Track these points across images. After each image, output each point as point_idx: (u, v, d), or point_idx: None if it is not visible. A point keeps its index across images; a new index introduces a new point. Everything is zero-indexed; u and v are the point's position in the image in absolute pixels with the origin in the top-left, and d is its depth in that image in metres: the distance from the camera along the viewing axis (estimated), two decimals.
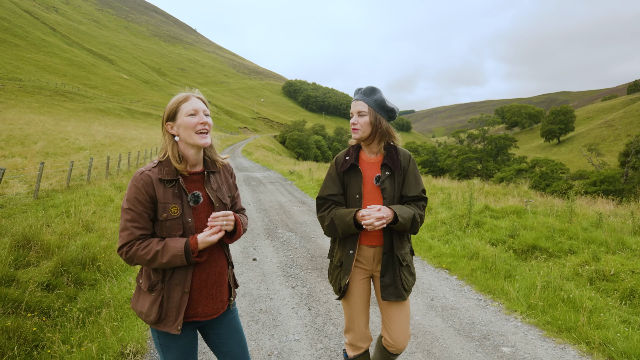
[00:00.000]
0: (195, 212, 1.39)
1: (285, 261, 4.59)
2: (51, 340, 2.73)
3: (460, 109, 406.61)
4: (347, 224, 1.66)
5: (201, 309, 1.40)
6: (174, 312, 1.35)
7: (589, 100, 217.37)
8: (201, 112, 1.38)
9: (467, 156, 53.81)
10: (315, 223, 6.76)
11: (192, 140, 1.36)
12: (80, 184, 11.45)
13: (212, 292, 1.42)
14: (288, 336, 2.79)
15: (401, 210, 1.64)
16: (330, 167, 1.86)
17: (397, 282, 1.73)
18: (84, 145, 22.05)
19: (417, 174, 1.78)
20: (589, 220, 5.43)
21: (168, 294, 1.36)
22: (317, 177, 14.09)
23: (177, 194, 1.36)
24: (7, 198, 8.36)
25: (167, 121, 1.41)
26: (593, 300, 3.10)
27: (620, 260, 3.86)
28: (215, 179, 1.48)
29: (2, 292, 3.15)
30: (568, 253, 4.31)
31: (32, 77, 65.33)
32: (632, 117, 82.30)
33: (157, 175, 1.35)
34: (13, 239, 4.21)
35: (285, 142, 74.21)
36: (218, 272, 1.44)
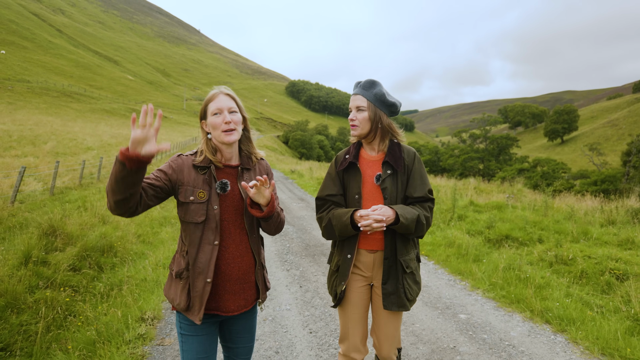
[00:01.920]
0: (225, 202, 1.41)
1: (282, 249, 5.10)
2: (82, 309, 3.26)
3: (464, 108, 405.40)
4: (343, 225, 1.56)
5: (222, 304, 1.41)
6: (198, 301, 1.37)
7: (594, 99, 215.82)
8: (225, 111, 1.40)
9: (468, 156, 54.04)
10: (311, 217, 7.27)
11: (219, 138, 1.40)
12: (90, 182, 12.05)
13: (234, 288, 1.41)
14: (281, 306, 3.30)
15: (404, 211, 1.52)
16: (330, 166, 1.79)
17: (399, 290, 1.61)
18: (92, 145, 22.71)
19: (423, 173, 1.67)
20: (562, 214, 5.89)
21: (193, 282, 1.37)
22: (317, 176, 14.60)
23: (207, 181, 1.40)
24: (25, 195, 8.94)
25: (201, 119, 1.47)
26: (545, 279, 3.58)
27: (580, 247, 4.32)
28: (249, 175, 1.49)
29: (39, 270, 3.69)
30: (537, 242, 4.78)
31: (39, 78, 66.45)
32: (636, 117, 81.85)
33: (191, 162, 1.42)
34: (41, 229, 4.76)
35: (288, 142, 74.80)
36: (243, 269, 1.42)
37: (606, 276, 3.53)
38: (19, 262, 3.84)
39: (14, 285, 3.28)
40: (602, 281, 3.49)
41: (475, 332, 2.81)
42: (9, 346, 2.65)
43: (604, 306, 3.09)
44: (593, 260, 3.92)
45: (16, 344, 2.67)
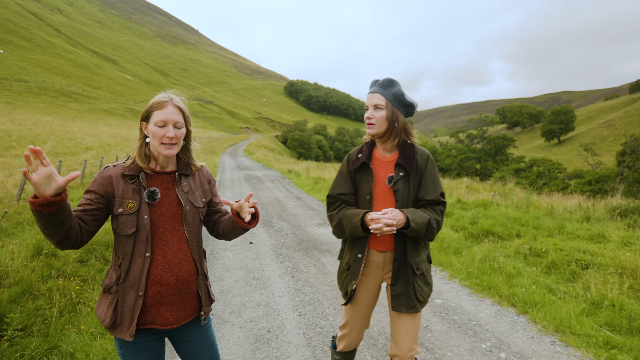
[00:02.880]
0: (159, 210, 1.34)
1: (277, 244, 5.40)
2: (91, 296, 3.55)
3: (463, 108, 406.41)
4: (354, 226, 1.57)
5: (159, 316, 1.32)
6: (128, 316, 1.29)
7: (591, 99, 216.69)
8: (170, 125, 1.32)
9: (465, 156, 54.50)
10: (306, 215, 7.57)
11: (157, 149, 1.33)
12: (90, 181, 12.29)
13: (173, 298, 1.33)
14: (274, 293, 3.60)
15: (414, 215, 1.52)
16: (342, 164, 1.78)
17: (409, 292, 1.61)
18: (91, 145, 22.94)
19: (436, 175, 1.66)
20: (543, 210, 6.22)
21: (123, 296, 1.30)
22: (313, 176, 14.90)
23: (137, 190, 1.32)
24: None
25: (142, 120, 1.37)
26: (516, 268, 3.89)
27: (554, 241, 4.65)
28: (187, 182, 1.43)
29: (50, 262, 3.99)
30: (515, 236, 5.10)
31: (37, 78, 66.48)
32: (632, 117, 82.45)
33: (120, 171, 1.33)
34: None
35: (287, 142, 75.06)
36: (182, 278, 1.34)
37: (572, 266, 3.85)
38: (31, 254, 4.13)
39: (29, 275, 3.57)
40: (569, 271, 3.81)
41: (448, 314, 3.13)
42: (27, 327, 2.95)
43: (567, 292, 3.41)
44: (563, 252, 4.24)
45: (34, 326, 2.96)
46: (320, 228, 6.43)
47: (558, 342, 2.64)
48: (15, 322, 2.88)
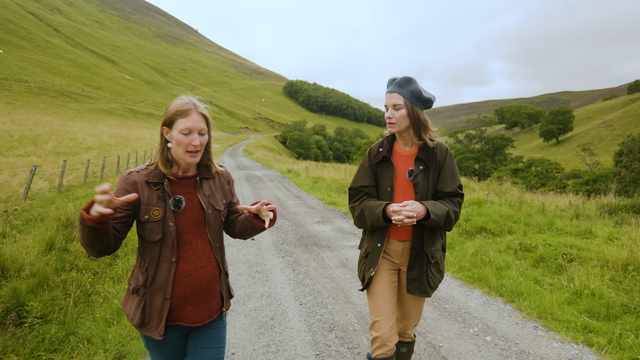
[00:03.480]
0: (182, 216, 1.36)
1: (278, 240, 5.61)
2: (102, 288, 3.75)
3: (462, 109, 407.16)
4: (376, 217, 1.64)
5: (185, 315, 1.38)
6: (156, 317, 1.34)
7: (590, 100, 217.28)
8: (196, 133, 1.34)
9: (464, 156, 54.70)
10: (306, 213, 7.77)
11: (180, 156, 1.35)
12: (93, 181, 12.50)
13: (197, 299, 1.38)
14: (276, 285, 3.80)
15: (434, 207, 1.59)
16: (363, 158, 1.84)
17: (422, 278, 1.71)
18: (92, 145, 23.09)
19: (454, 168, 1.73)
20: (535, 208, 6.43)
21: (150, 299, 1.35)
22: (312, 175, 15.10)
23: (162, 197, 1.34)
24: (33, 192, 9.39)
25: (163, 125, 1.38)
26: (506, 262, 4.10)
27: (544, 237, 4.85)
28: (208, 185, 1.45)
29: (63, 256, 4.19)
30: (507, 233, 5.31)
31: (37, 78, 66.57)
32: (630, 117, 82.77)
33: (144, 177, 1.34)
34: (59, 221, 5.24)
35: (286, 142, 75.25)
36: (207, 279, 1.39)
37: (559, 260, 4.06)
38: (44, 249, 4.32)
39: (44, 268, 3.77)
40: (555, 264, 4.02)
41: (440, 303, 3.33)
42: (45, 315, 3.15)
43: (553, 284, 3.62)
44: (551, 247, 4.45)
45: (52, 314, 3.16)
46: (319, 225, 6.63)
47: (540, 327, 2.85)
48: (34, 310, 3.08)
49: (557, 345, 2.59)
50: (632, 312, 2.90)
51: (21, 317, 3.05)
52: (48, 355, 2.65)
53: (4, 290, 3.22)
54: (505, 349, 2.57)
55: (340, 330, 2.85)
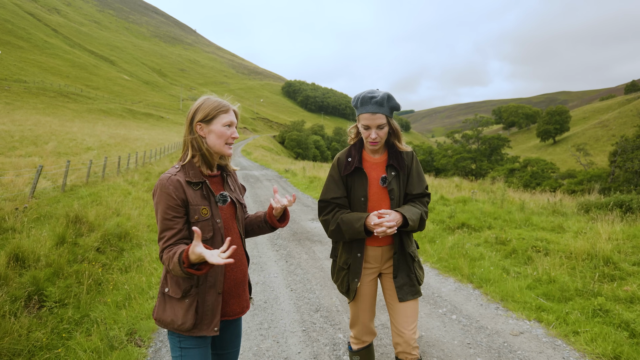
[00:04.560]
0: (222, 212, 1.42)
1: (273, 235, 5.98)
2: (111, 277, 4.11)
3: (460, 109, 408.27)
4: (356, 231, 1.64)
5: (229, 308, 1.43)
6: (210, 314, 1.36)
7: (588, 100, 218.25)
8: (234, 126, 1.44)
9: (461, 156, 55.14)
10: (301, 210, 8.14)
11: (220, 148, 1.40)
12: (95, 181, 12.83)
13: (238, 290, 1.45)
14: (270, 275, 4.18)
15: (410, 213, 1.63)
16: (332, 168, 1.81)
17: (412, 279, 1.73)
18: (91, 146, 23.37)
19: (420, 171, 1.77)
20: (515, 205, 6.83)
21: (203, 297, 1.36)
22: (309, 175, 15.48)
23: (205, 196, 1.38)
24: (38, 191, 9.73)
25: (199, 121, 1.39)
26: (481, 254, 4.49)
27: (519, 232, 5.24)
28: (231, 181, 1.54)
29: (74, 249, 4.55)
30: (486, 228, 5.70)
31: (36, 78, 66.71)
32: (626, 118, 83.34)
33: (184, 178, 1.36)
34: (68, 217, 5.60)
35: (285, 142, 75.58)
36: (243, 271, 1.46)
37: (529, 252, 4.45)
38: (56, 242, 4.68)
39: (58, 259, 4.13)
40: (526, 255, 4.40)
41: None
42: (62, 300, 3.51)
43: (520, 272, 4.00)
44: (524, 241, 4.84)
45: (67, 299, 3.52)
46: (313, 222, 7.00)
47: (501, 308, 3.24)
48: (53, 295, 3.44)
49: (512, 322, 2.97)
50: (583, 295, 3.28)
51: (41, 302, 3.41)
52: (67, 333, 3.01)
53: (25, 278, 3.58)
54: (467, 324, 2.95)
55: (325, 311, 3.22)
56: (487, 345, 2.64)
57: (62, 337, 2.94)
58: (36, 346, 2.74)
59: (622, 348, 2.45)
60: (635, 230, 4.72)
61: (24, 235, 4.92)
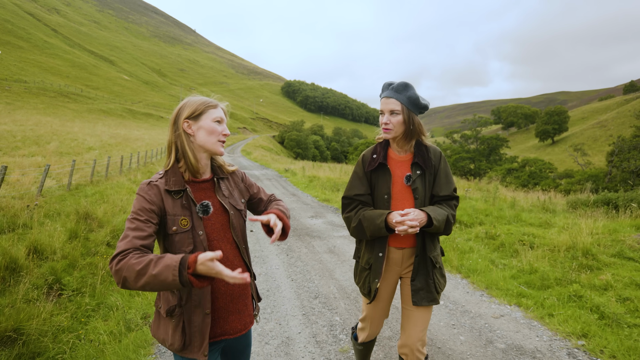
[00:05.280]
0: (209, 222, 1.30)
1: None
2: None
3: (460, 109, 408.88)
4: (377, 227, 1.59)
5: (229, 326, 1.32)
6: (198, 336, 1.25)
7: (587, 100, 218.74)
8: (224, 123, 1.36)
9: (459, 156, 55.45)
10: (301, 208, 8.41)
11: (211, 146, 1.31)
12: (99, 180, 13.09)
13: (238, 306, 1.33)
14: (272, 267, 4.44)
15: (435, 213, 1.57)
16: (356, 165, 1.78)
17: (430, 285, 1.67)
18: (93, 145, 23.61)
19: (448, 172, 1.72)
20: (507, 203, 7.10)
21: (189, 318, 1.25)
22: (309, 174, 15.75)
23: (186, 205, 1.26)
24: (43, 190, 9.98)
25: (187, 118, 1.29)
26: (470, 247, 4.76)
27: (509, 228, 5.52)
28: (225, 186, 1.40)
29: (86, 244, 4.81)
30: (478, 224, 5.97)
31: (36, 78, 66.88)
32: (624, 118, 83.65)
33: (164, 186, 1.26)
34: (78, 214, 5.86)
35: (284, 142, 75.84)
36: (242, 285, 1.34)
37: (516, 245, 4.72)
38: (68, 237, 4.95)
39: (72, 252, 4.40)
40: (512, 249, 4.68)
41: None
42: (78, 289, 3.77)
43: (506, 264, 4.27)
44: (513, 235, 5.11)
45: (83, 288, 3.78)
46: (312, 219, 7.27)
47: (485, 295, 3.51)
48: (70, 284, 3.71)
49: (494, 307, 3.24)
50: (561, 283, 3.55)
51: (60, 290, 3.67)
52: (85, 318, 3.28)
53: (43, 269, 3.85)
54: (453, 309, 3.22)
55: (323, 298, 3.49)
56: (469, 326, 2.90)
57: (81, 322, 3.21)
58: (59, 329, 3.00)
59: (590, 327, 2.72)
60: (616, 225, 5.00)
61: (38, 231, 5.18)
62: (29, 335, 2.75)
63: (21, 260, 3.81)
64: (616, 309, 2.92)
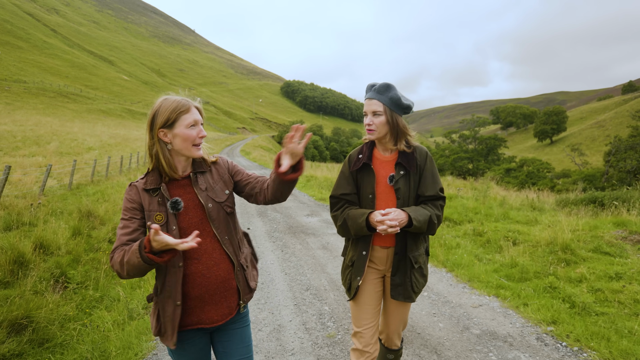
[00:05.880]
0: (186, 217, 1.36)
1: (270, 229, 6.45)
2: None
3: (459, 109, 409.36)
4: (359, 226, 1.63)
5: (205, 316, 1.37)
6: (169, 326, 1.33)
7: (586, 100, 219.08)
8: (200, 124, 1.36)
9: (458, 156, 55.70)
10: (297, 207, 8.62)
11: (188, 152, 1.35)
12: (99, 179, 13.27)
13: (214, 298, 1.37)
14: (267, 262, 4.64)
15: (416, 213, 1.59)
16: (343, 165, 1.83)
17: (406, 283, 1.71)
18: (93, 146, 23.77)
19: (435, 172, 1.73)
20: (496, 202, 7.32)
21: (163, 306, 1.34)
22: (306, 174, 15.95)
23: (161, 202, 1.34)
24: (45, 190, 10.16)
25: (161, 127, 1.32)
26: (457, 243, 4.96)
27: (496, 225, 5.73)
28: (205, 179, 1.43)
29: (89, 240, 5.01)
30: (467, 222, 6.18)
31: (35, 78, 66.97)
32: (622, 118, 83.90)
33: (142, 186, 1.35)
34: (81, 212, 6.05)
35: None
36: (221, 277, 1.37)
37: (501, 242, 4.93)
38: (72, 234, 5.14)
39: (76, 248, 4.60)
40: (497, 245, 4.88)
41: None
42: (83, 282, 3.97)
43: (491, 259, 4.48)
44: (499, 232, 5.32)
45: (87, 282, 3.98)
46: (308, 217, 7.47)
47: (467, 287, 3.71)
48: (75, 278, 3.91)
49: (474, 297, 3.45)
50: (539, 276, 3.76)
51: (65, 283, 3.87)
52: (89, 309, 3.48)
53: (49, 263, 4.05)
54: (436, 299, 3.43)
55: (314, 290, 3.70)
56: (449, 315, 3.11)
57: (86, 312, 3.41)
58: (65, 318, 3.20)
59: (560, 315, 2.93)
60: (598, 222, 5.21)
61: (43, 228, 5.38)
62: (38, 323, 2.95)
63: (28, 255, 4.01)
64: (586, 299, 3.13)
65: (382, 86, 1.66)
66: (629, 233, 4.63)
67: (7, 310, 2.91)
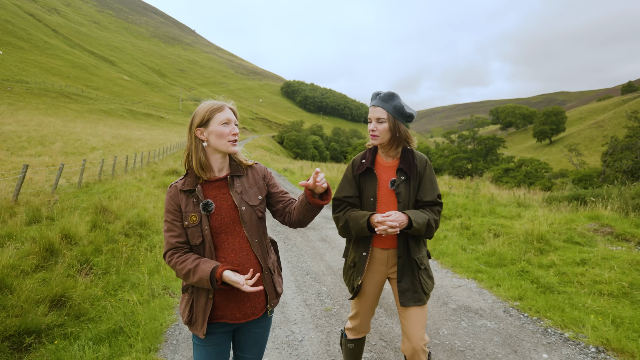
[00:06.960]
0: (219, 217, 1.42)
1: (273, 224, 6.90)
2: (139, 256, 5.02)
3: (459, 109, 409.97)
4: (360, 227, 1.69)
5: (228, 312, 1.44)
6: (201, 316, 1.41)
7: (586, 100, 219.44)
8: (233, 123, 1.45)
9: (457, 156, 56.11)
10: None
11: (224, 147, 1.43)
12: (106, 178, 13.73)
13: (238, 297, 1.43)
14: None
15: (416, 216, 1.65)
16: (347, 168, 1.89)
17: (416, 285, 1.74)
18: (96, 146, 24.21)
19: (434, 178, 1.80)
20: (485, 198, 7.77)
21: (197, 297, 1.43)
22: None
23: (196, 203, 1.41)
24: (57, 188, 10.60)
25: (198, 127, 1.42)
26: (444, 235, 5.41)
27: (482, 219, 6.18)
28: (240, 182, 1.49)
29: (107, 233, 5.46)
30: (457, 217, 6.63)
31: (37, 79, 67.42)
32: (620, 118, 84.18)
33: (180, 187, 1.43)
34: (96, 208, 6.50)
35: (283, 142, 76.45)
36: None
37: (485, 234, 5.38)
38: (90, 227, 5.59)
39: (96, 239, 5.04)
40: (482, 237, 5.33)
41: None
42: (106, 269, 4.42)
43: (474, 249, 4.93)
44: (484, 226, 5.77)
45: (110, 269, 4.43)
46: None
47: (450, 272, 4.17)
48: (99, 265, 4.36)
49: (455, 280, 3.90)
50: (515, 263, 4.21)
51: (90, 270, 4.32)
52: (114, 292, 3.93)
53: (75, 251, 4.50)
54: None
55: (313, 274, 4.15)
56: (431, 294, 3.56)
57: (111, 294, 3.85)
58: (94, 298, 3.65)
59: (526, 293, 3.38)
60: (575, 216, 5.66)
61: (66, 220, 5.82)
62: (73, 300, 3.40)
63: (56, 244, 4.46)
64: (551, 280, 3.58)
65: (386, 95, 1.74)
66: (601, 225, 5.07)
67: (47, 289, 3.37)
